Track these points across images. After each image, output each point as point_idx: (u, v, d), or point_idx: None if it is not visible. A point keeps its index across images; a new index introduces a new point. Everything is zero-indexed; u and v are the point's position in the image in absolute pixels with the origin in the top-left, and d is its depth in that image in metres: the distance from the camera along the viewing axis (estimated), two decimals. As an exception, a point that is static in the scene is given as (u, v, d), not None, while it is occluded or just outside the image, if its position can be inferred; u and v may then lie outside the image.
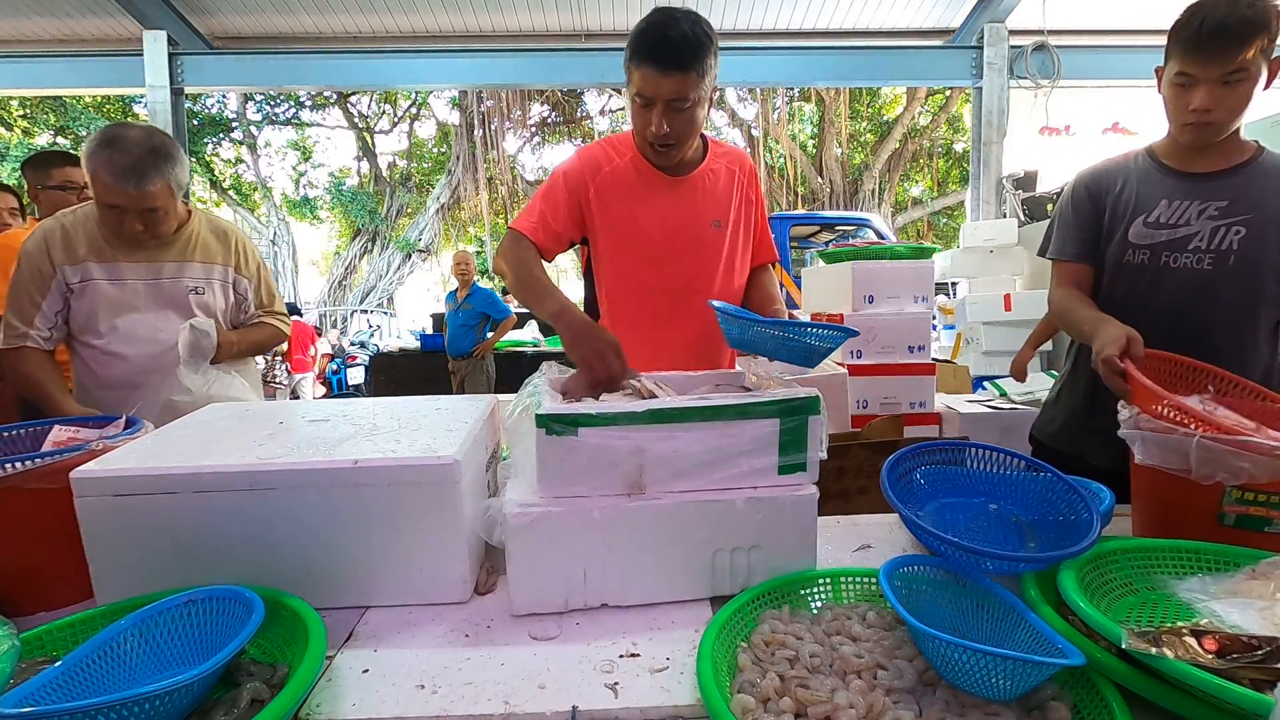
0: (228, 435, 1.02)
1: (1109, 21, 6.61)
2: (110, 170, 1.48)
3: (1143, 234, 1.39)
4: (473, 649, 0.81)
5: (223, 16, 6.61)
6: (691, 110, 1.37)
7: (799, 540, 0.92)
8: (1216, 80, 1.24)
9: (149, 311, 1.63)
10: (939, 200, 14.71)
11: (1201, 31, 1.22)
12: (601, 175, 1.52)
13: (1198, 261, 1.34)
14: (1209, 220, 1.33)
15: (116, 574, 0.86)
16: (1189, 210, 1.35)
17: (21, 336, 1.57)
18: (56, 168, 2.17)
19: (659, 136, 1.39)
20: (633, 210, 1.52)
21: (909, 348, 2.80)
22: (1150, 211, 1.38)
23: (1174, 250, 1.36)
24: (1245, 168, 1.34)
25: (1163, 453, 0.91)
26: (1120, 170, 1.46)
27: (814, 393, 0.91)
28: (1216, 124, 1.28)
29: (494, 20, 6.72)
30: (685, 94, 1.33)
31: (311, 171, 16.66)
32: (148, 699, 0.59)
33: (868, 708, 0.65)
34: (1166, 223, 1.37)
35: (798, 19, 6.71)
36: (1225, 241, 1.32)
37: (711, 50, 1.34)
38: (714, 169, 1.56)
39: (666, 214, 1.53)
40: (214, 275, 1.72)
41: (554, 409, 0.87)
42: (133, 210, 1.53)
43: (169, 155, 1.55)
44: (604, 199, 1.52)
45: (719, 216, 1.56)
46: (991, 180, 6.51)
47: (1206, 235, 1.33)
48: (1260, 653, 0.61)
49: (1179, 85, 1.29)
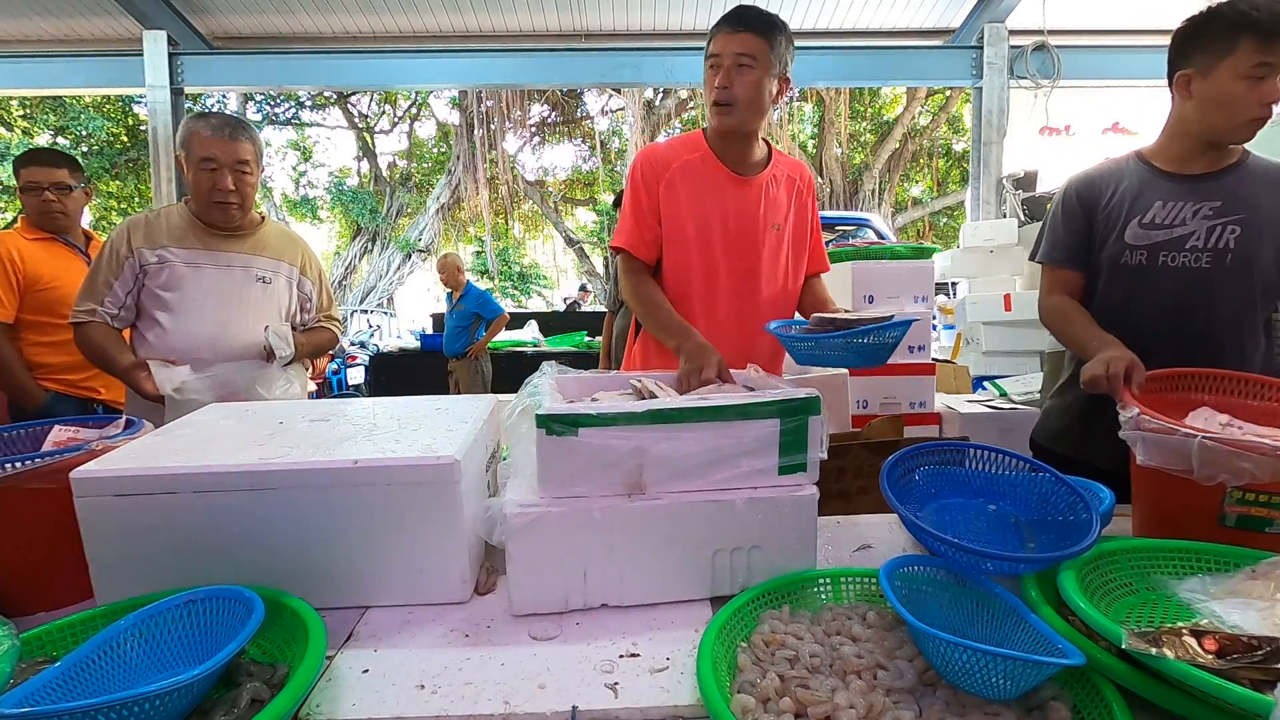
0: (228, 435, 1.02)
1: (1109, 21, 6.61)
2: (208, 125, 1.69)
3: (1139, 235, 1.40)
4: (473, 649, 0.81)
5: (223, 16, 6.61)
6: (754, 74, 1.47)
7: (799, 540, 0.92)
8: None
9: (218, 293, 1.76)
10: (939, 200, 14.70)
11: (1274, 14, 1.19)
12: (671, 170, 1.59)
13: (1195, 260, 1.36)
14: (1204, 220, 1.35)
15: (116, 574, 0.86)
16: (1184, 211, 1.37)
17: (90, 312, 1.69)
18: (24, 168, 2.18)
19: (721, 93, 1.49)
20: (702, 203, 1.58)
21: (909, 348, 2.79)
22: (1145, 213, 1.40)
23: (1171, 250, 1.37)
24: (1235, 169, 1.37)
25: (1164, 454, 0.91)
26: (1112, 175, 1.47)
27: (814, 393, 0.91)
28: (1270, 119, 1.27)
29: (494, 20, 6.72)
30: (750, 51, 1.45)
31: (311, 171, 16.65)
32: (148, 699, 0.59)
33: (868, 708, 0.65)
34: (1162, 223, 1.38)
35: (798, 19, 6.70)
36: (1222, 240, 1.34)
37: (782, 30, 1.49)
38: (776, 175, 1.64)
39: (731, 210, 1.59)
40: (281, 270, 1.86)
41: (554, 409, 0.87)
42: (226, 164, 1.68)
43: (250, 124, 1.78)
44: (674, 191, 1.59)
45: (779, 220, 1.63)
46: (991, 180, 6.51)
47: (1203, 234, 1.35)
48: (1260, 653, 0.61)
49: (1256, 78, 1.24)
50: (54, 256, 2.19)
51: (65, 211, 2.20)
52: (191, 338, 1.71)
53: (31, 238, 2.17)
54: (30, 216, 2.21)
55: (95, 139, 12.62)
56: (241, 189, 1.72)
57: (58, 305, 2.12)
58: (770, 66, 1.48)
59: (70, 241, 2.25)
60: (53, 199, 2.17)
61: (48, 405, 2.11)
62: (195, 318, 1.72)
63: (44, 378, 2.15)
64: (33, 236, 2.18)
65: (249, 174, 1.73)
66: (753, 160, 1.62)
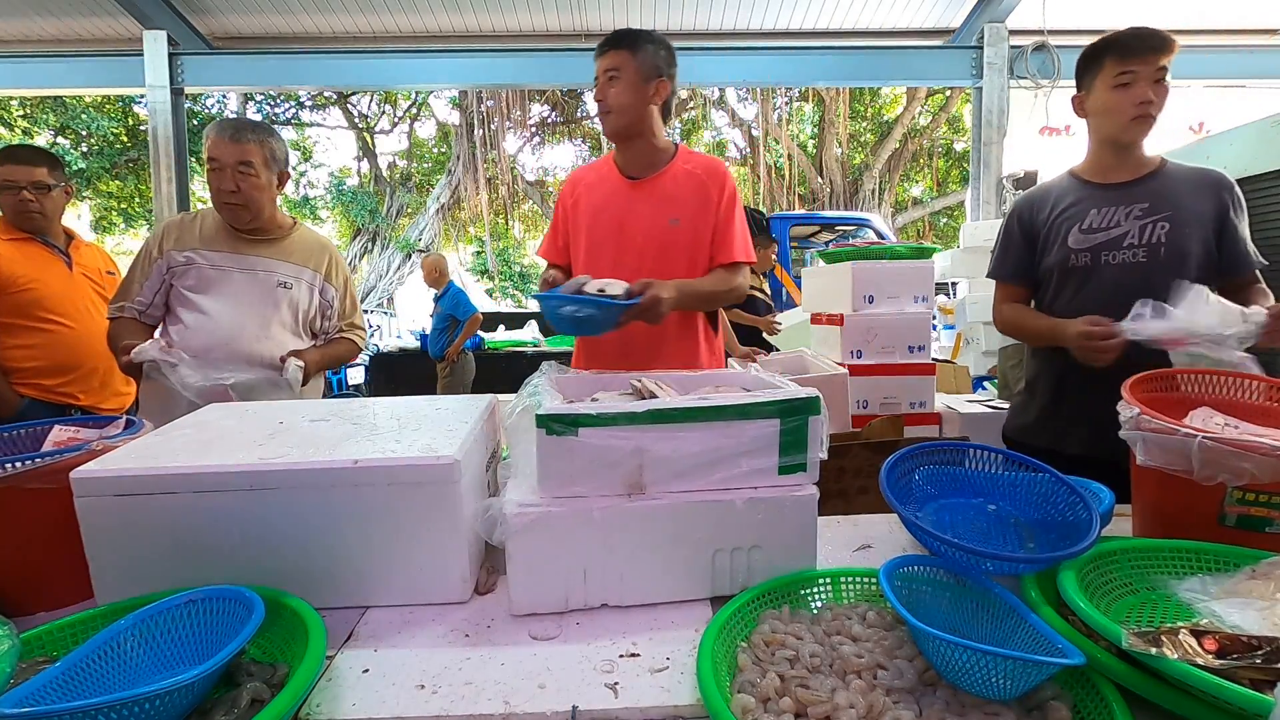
0: (228, 435, 1.02)
1: (1109, 21, 6.55)
2: (215, 128, 1.74)
3: (1081, 240, 1.58)
4: (473, 649, 0.81)
5: (223, 16, 6.61)
6: (622, 83, 1.63)
7: (799, 540, 0.92)
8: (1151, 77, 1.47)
9: (238, 296, 1.78)
10: (939, 200, 14.69)
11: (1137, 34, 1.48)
12: (579, 187, 1.79)
13: (1133, 255, 1.53)
14: (1136, 220, 1.54)
15: (116, 574, 0.86)
16: (1117, 214, 1.56)
17: (120, 309, 1.76)
18: (0, 166, 2.10)
19: (599, 105, 1.67)
20: (598, 211, 1.73)
21: (909, 348, 2.80)
22: (1083, 220, 1.59)
23: (1111, 249, 1.55)
24: (1155, 175, 1.56)
25: (1164, 454, 0.91)
26: (1050, 193, 1.68)
27: (814, 393, 0.91)
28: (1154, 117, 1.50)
29: (494, 20, 6.72)
30: (614, 65, 1.62)
31: (311, 171, 16.64)
32: (148, 699, 0.59)
33: (868, 708, 0.65)
34: (1100, 227, 1.57)
35: (798, 19, 6.71)
36: (1154, 236, 1.51)
37: (646, 39, 1.64)
38: (678, 173, 1.72)
39: (623, 212, 1.71)
40: (303, 277, 1.87)
41: (554, 409, 0.87)
42: (229, 165, 1.70)
43: (268, 129, 1.80)
44: (578, 206, 1.77)
45: (677, 215, 1.70)
46: (991, 180, 6.52)
47: (1136, 232, 1.53)
48: (1260, 653, 0.61)
49: (1123, 85, 1.49)
50: (30, 257, 2.12)
51: (43, 211, 2.13)
52: (208, 336, 1.73)
53: (8, 238, 2.10)
54: (7, 216, 2.13)
55: (95, 139, 12.61)
56: (245, 189, 1.73)
57: (34, 308, 2.07)
58: (638, 72, 1.63)
59: (49, 242, 2.18)
60: (30, 198, 2.09)
61: (23, 412, 2.06)
62: (214, 318, 1.75)
63: (20, 383, 2.09)
64: (9, 236, 2.11)
65: (253, 175, 1.73)
66: (649, 162, 1.73)
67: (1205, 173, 1.56)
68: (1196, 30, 6.74)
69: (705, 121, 14.50)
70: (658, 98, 1.69)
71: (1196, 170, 1.57)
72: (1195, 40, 6.68)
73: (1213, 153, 3.21)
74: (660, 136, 1.74)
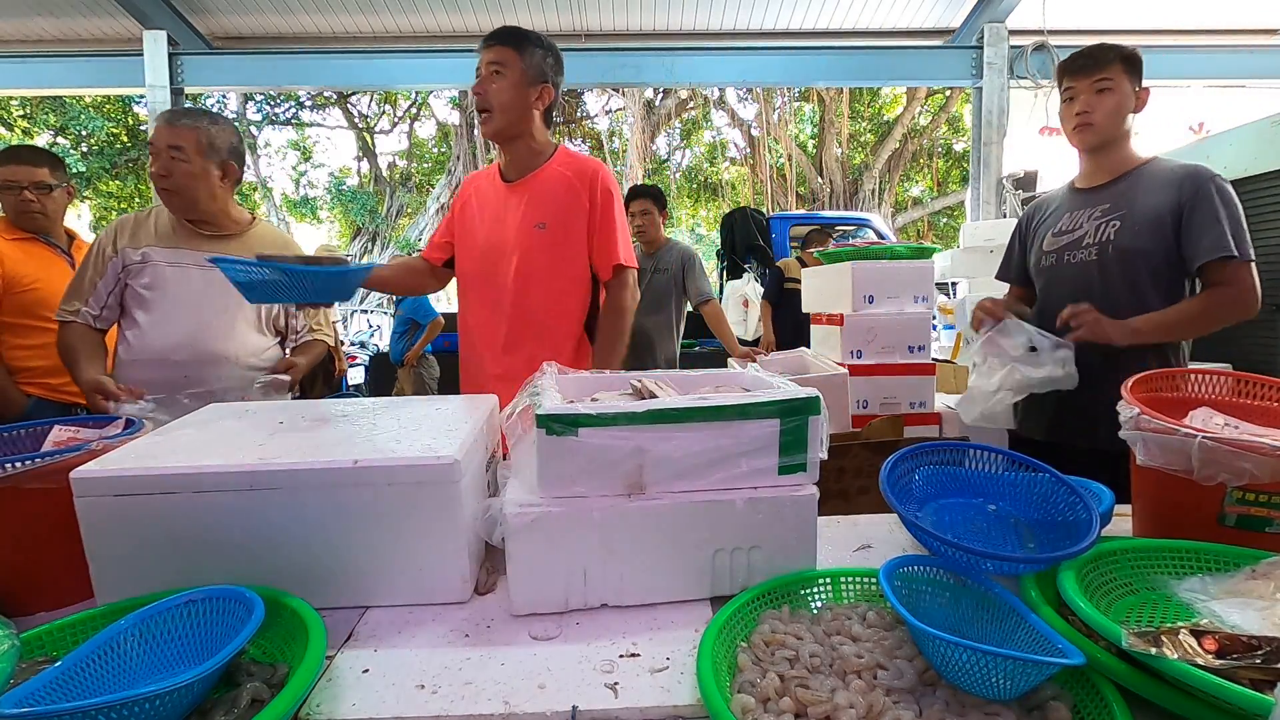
0: (228, 435, 1.02)
1: (1109, 22, 6.60)
2: (159, 115, 1.73)
3: (1051, 242, 1.73)
4: (473, 649, 0.81)
5: (223, 16, 6.60)
6: (502, 80, 1.61)
7: (799, 540, 0.92)
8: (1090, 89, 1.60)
9: (197, 295, 1.73)
10: (939, 200, 14.70)
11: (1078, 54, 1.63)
12: (469, 189, 1.80)
13: (1087, 255, 1.64)
14: (1094, 221, 1.64)
15: (116, 574, 0.86)
16: (1081, 217, 1.68)
17: (74, 312, 1.71)
18: (2, 166, 2.11)
19: (478, 100, 1.64)
20: (478, 215, 1.75)
21: (909, 348, 2.79)
22: (1057, 224, 1.73)
23: (1072, 250, 1.68)
24: (1127, 176, 1.64)
25: (1164, 454, 0.91)
26: (1048, 200, 1.83)
27: (814, 393, 0.91)
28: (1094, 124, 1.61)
29: (494, 20, 6.71)
30: (500, 59, 1.61)
31: (311, 171, 16.67)
32: (148, 699, 0.59)
33: (868, 708, 0.65)
34: (1067, 230, 1.70)
35: (798, 19, 6.70)
36: (1104, 235, 1.61)
37: (534, 42, 1.64)
38: (550, 175, 1.70)
39: (492, 217, 1.71)
40: None
41: (554, 409, 0.87)
42: (161, 149, 1.66)
43: (209, 117, 1.74)
44: (466, 209, 1.78)
45: (544, 219, 1.67)
46: (991, 180, 6.51)
47: (1091, 232, 1.64)
48: (1260, 653, 0.61)
49: (1067, 99, 1.65)
50: (34, 257, 2.13)
51: (44, 211, 2.14)
52: (167, 338, 1.70)
53: (11, 238, 2.11)
54: (9, 216, 2.15)
55: (95, 139, 12.61)
56: (175, 175, 1.68)
57: (39, 307, 2.07)
58: (523, 74, 1.63)
59: (52, 242, 2.19)
60: (31, 198, 2.10)
61: (29, 411, 2.06)
62: (173, 318, 1.71)
63: (26, 383, 2.09)
64: (12, 236, 2.12)
65: (183, 160, 1.68)
66: (526, 165, 1.71)
67: (1182, 168, 1.57)
68: (1196, 30, 6.74)
69: (705, 121, 14.51)
70: (540, 103, 1.68)
71: (1177, 167, 1.58)
72: (1195, 40, 6.68)
73: (1212, 153, 3.21)
74: (540, 139, 1.71)
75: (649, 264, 3.52)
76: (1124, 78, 1.58)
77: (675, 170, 15.23)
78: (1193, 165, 1.57)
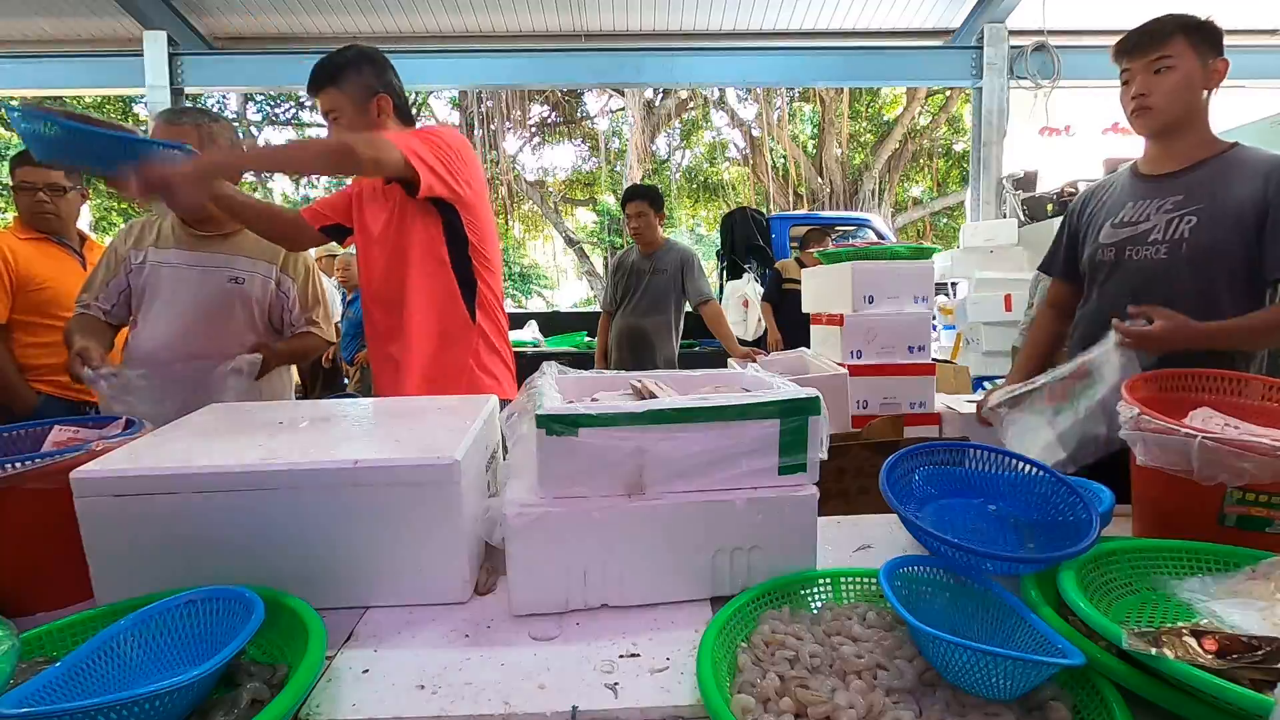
0: (228, 435, 1.02)
1: (1109, 22, 6.60)
2: (158, 115, 1.71)
3: (1110, 234, 1.52)
4: (473, 649, 0.81)
5: (223, 16, 6.61)
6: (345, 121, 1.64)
7: (799, 540, 0.92)
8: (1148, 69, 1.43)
9: (188, 295, 1.75)
10: (939, 200, 14.70)
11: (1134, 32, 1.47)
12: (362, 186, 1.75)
13: (1155, 252, 1.44)
14: (1165, 214, 1.44)
15: (116, 574, 0.86)
16: (1149, 207, 1.47)
17: (84, 305, 1.77)
18: (18, 168, 2.15)
19: None
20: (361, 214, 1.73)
21: (909, 348, 2.79)
22: (1118, 214, 1.52)
23: (1135, 244, 1.47)
24: (1206, 164, 1.43)
25: (1164, 454, 0.91)
26: (1105, 184, 1.62)
27: (814, 393, 0.91)
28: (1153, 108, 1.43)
29: (494, 20, 6.72)
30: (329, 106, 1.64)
31: (312, 171, 16.65)
32: (147, 699, 0.59)
33: (868, 708, 0.65)
34: (1130, 221, 1.49)
35: (798, 19, 6.71)
36: (1178, 231, 1.41)
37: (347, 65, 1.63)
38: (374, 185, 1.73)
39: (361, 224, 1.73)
40: (258, 270, 1.83)
41: (554, 409, 0.87)
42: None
43: (209, 115, 1.75)
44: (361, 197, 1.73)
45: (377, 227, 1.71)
46: (991, 180, 6.51)
47: (1162, 227, 1.44)
48: (1260, 653, 0.61)
49: (1124, 82, 1.49)
50: (48, 257, 2.17)
51: (58, 213, 2.18)
52: (155, 339, 1.72)
53: (25, 238, 2.16)
54: (23, 216, 2.19)
55: (95, 139, 12.58)
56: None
57: (51, 306, 2.11)
58: (353, 104, 1.64)
59: (65, 242, 2.23)
60: (45, 200, 2.15)
61: (40, 408, 2.10)
62: (163, 318, 1.73)
63: (36, 380, 2.13)
64: (26, 236, 2.16)
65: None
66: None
67: (1271, 159, 1.38)
68: (1196, 30, 6.73)
69: (705, 121, 14.51)
70: (384, 116, 1.67)
71: (1266, 157, 1.39)
72: (1195, 40, 6.67)
73: (1213, 153, 3.20)
74: None
75: (647, 265, 3.52)
76: (1188, 51, 1.38)
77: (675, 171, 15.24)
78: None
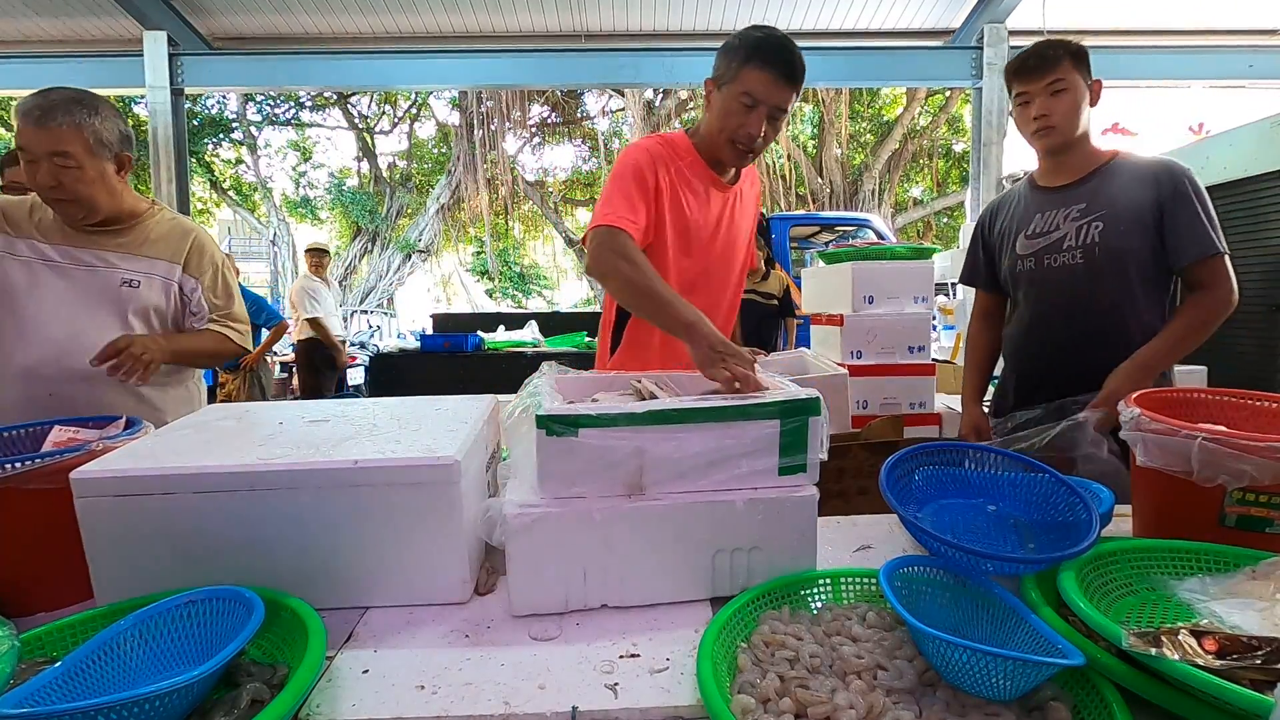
0: (227, 435, 1.02)
1: (1108, 22, 6.62)
2: (21, 110, 1.43)
3: (1026, 246, 1.65)
4: (473, 649, 0.81)
5: (223, 16, 6.61)
6: (781, 123, 1.46)
7: (799, 541, 0.92)
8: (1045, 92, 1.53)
9: (73, 299, 1.50)
10: (939, 200, 14.71)
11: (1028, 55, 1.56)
12: (671, 171, 1.51)
13: (1071, 258, 1.56)
14: (1073, 222, 1.56)
15: (116, 574, 0.86)
16: (1056, 217, 1.59)
17: None
18: (8, 168, 2.10)
19: (752, 139, 1.43)
20: (697, 211, 1.55)
21: (909, 348, 2.80)
22: (1029, 226, 1.64)
23: (1052, 252, 1.59)
24: (1097, 173, 1.57)
25: (1165, 454, 0.91)
26: (1007, 200, 1.76)
27: (814, 394, 0.91)
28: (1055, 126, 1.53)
29: (494, 20, 6.72)
30: (788, 106, 1.44)
31: (311, 172, 16.66)
32: (147, 699, 0.59)
33: (868, 708, 0.65)
34: (1042, 231, 1.62)
35: (798, 19, 6.71)
36: (1088, 237, 1.54)
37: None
38: (743, 184, 1.68)
39: (720, 219, 1.61)
40: (156, 270, 1.58)
41: (554, 409, 0.87)
42: (42, 155, 1.40)
43: (87, 106, 1.47)
44: (675, 194, 1.51)
45: (749, 227, 1.70)
46: (991, 180, 6.52)
47: (1073, 234, 1.56)
48: (1260, 653, 0.61)
49: (1021, 104, 1.58)
50: None
51: None
52: (36, 350, 1.46)
53: None
54: None
55: (95, 139, 12.57)
56: (67, 184, 1.42)
57: None
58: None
59: None
60: None
61: None
62: (43, 328, 1.47)
63: None
64: None
65: (72, 167, 1.42)
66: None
67: (1152, 163, 1.54)
68: (1196, 30, 6.75)
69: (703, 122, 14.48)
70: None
71: (1146, 162, 1.55)
72: (1195, 40, 6.68)
73: (1212, 153, 3.21)
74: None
75: None
76: (1075, 74, 1.53)
77: (675, 170, 15.19)
78: (1162, 160, 1.55)
